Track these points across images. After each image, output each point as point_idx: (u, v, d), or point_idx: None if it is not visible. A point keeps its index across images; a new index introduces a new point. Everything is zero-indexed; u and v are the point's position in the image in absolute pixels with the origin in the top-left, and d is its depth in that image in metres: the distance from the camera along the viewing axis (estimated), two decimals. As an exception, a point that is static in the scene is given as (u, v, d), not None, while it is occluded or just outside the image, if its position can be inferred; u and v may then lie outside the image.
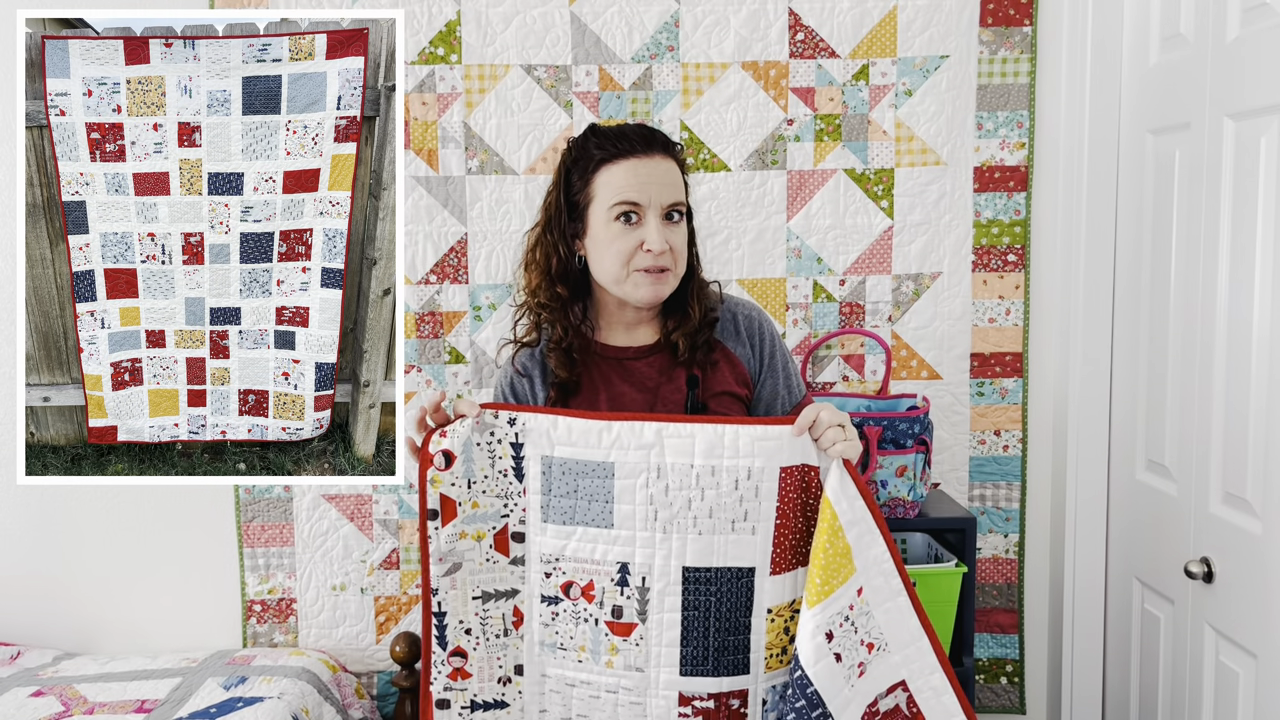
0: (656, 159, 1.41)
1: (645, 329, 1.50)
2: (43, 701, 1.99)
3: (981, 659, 2.32)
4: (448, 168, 2.23)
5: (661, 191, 1.40)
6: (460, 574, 1.39)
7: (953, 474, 2.29)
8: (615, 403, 1.45)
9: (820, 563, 1.27)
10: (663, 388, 1.46)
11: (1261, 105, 1.59)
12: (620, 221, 1.39)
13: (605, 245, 1.40)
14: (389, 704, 2.33)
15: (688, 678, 1.35)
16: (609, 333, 1.50)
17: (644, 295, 1.41)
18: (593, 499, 1.34)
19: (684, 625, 1.34)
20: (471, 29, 2.20)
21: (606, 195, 1.40)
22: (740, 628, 1.34)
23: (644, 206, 1.39)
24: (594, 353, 1.48)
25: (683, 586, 1.33)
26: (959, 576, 1.94)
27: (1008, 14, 2.18)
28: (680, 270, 1.44)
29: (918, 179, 2.22)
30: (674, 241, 1.40)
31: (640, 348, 1.49)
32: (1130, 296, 2.07)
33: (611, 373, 1.47)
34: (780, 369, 1.51)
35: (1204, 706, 1.80)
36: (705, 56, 2.20)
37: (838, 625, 1.27)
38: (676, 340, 1.45)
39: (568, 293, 1.45)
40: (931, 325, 2.25)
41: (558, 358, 1.44)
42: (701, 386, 1.45)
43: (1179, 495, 1.87)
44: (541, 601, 1.39)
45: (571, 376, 1.44)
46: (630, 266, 1.40)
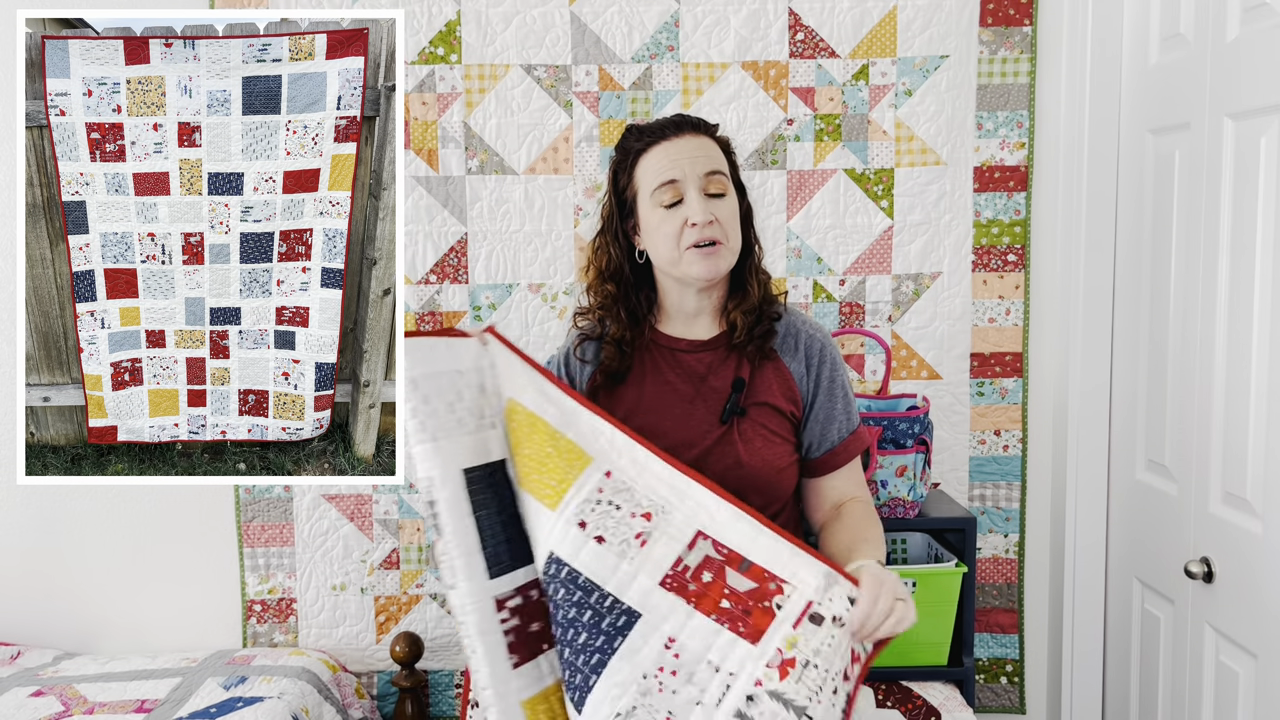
0: (687, 137, 1.44)
1: (705, 321, 1.51)
2: (43, 701, 1.99)
3: (981, 659, 2.32)
4: (448, 168, 2.23)
5: (695, 163, 1.41)
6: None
7: (953, 474, 2.29)
8: (658, 390, 1.47)
9: (550, 468, 1.29)
10: (708, 381, 1.47)
11: (1261, 105, 1.59)
12: (665, 205, 1.42)
13: (655, 230, 1.43)
14: (389, 704, 2.33)
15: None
16: (669, 323, 1.52)
17: (699, 271, 1.42)
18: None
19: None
20: (471, 29, 2.20)
21: (648, 182, 1.43)
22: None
23: (681, 181, 1.41)
24: (649, 340, 1.51)
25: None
26: (959, 576, 1.94)
27: (1008, 14, 2.18)
28: (734, 245, 1.45)
29: (918, 179, 2.22)
30: (719, 213, 1.42)
31: (696, 341, 1.50)
32: (1130, 296, 2.07)
33: (662, 361, 1.49)
34: (839, 395, 1.50)
35: (1204, 706, 1.80)
36: (705, 56, 2.20)
37: (589, 511, 1.27)
38: (735, 318, 1.46)
39: (616, 289, 1.49)
40: (931, 325, 2.25)
41: (610, 350, 1.47)
42: (747, 390, 1.45)
43: (1179, 495, 1.87)
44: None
45: (621, 368, 1.47)
46: (681, 246, 1.41)
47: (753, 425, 1.44)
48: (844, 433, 1.50)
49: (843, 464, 1.51)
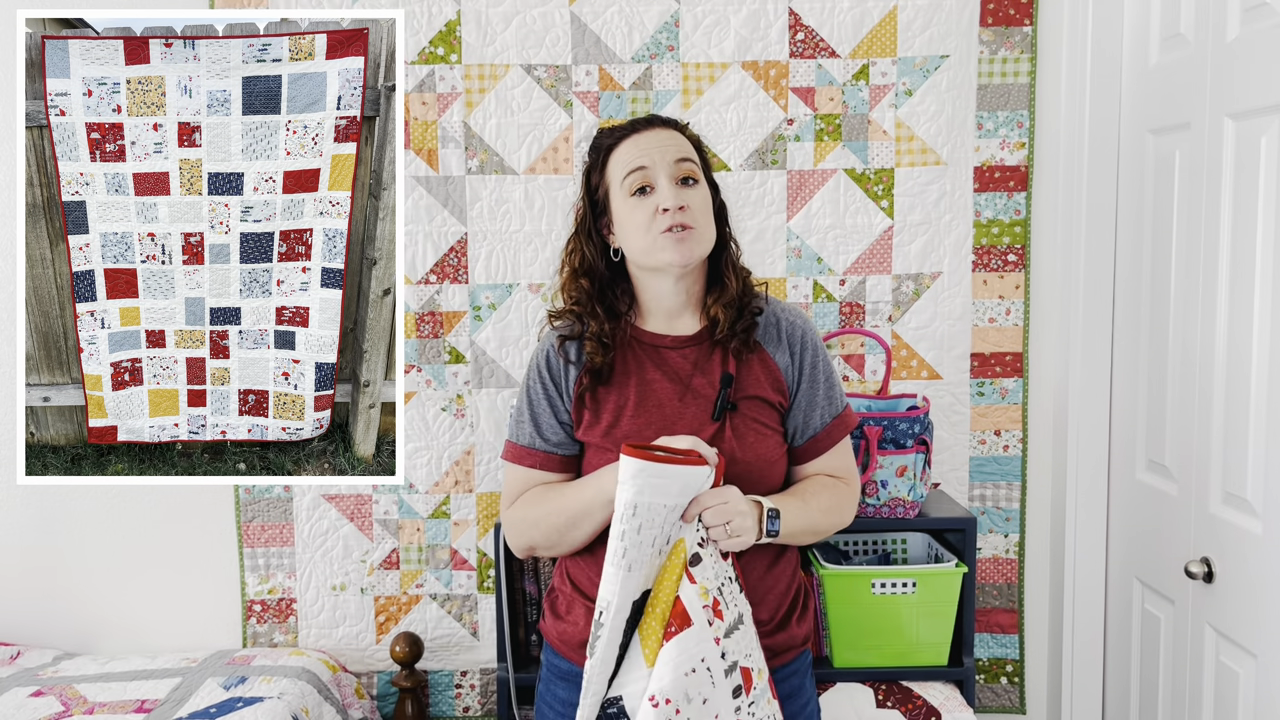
0: (656, 130, 1.45)
1: (687, 318, 1.50)
2: (43, 701, 1.99)
3: (981, 659, 2.32)
4: (448, 167, 2.23)
5: (664, 151, 1.42)
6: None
7: (953, 474, 2.28)
8: (645, 389, 1.46)
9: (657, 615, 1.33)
10: (694, 379, 1.46)
11: (1261, 105, 1.59)
12: (636, 195, 1.42)
13: (627, 220, 1.43)
14: (389, 704, 2.33)
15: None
16: (650, 321, 1.51)
17: (671, 256, 1.41)
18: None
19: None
20: (471, 29, 2.20)
21: (618, 173, 1.44)
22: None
23: (650, 168, 1.42)
24: (631, 338, 1.50)
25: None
26: (959, 576, 1.94)
27: (1008, 14, 2.18)
28: (707, 234, 1.44)
29: (918, 179, 2.22)
30: (690, 201, 1.42)
31: (678, 337, 1.49)
32: (1130, 296, 2.07)
33: (646, 359, 1.49)
34: (821, 380, 1.50)
35: (1204, 707, 1.80)
36: (705, 56, 2.20)
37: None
38: (716, 314, 1.46)
39: (591, 285, 1.48)
40: (931, 325, 2.25)
41: (592, 345, 1.47)
42: (735, 385, 1.45)
43: (1179, 495, 1.87)
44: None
45: (605, 363, 1.46)
46: (653, 233, 1.41)
47: (744, 420, 1.44)
48: (828, 417, 1.50)
49: (826, 448, 1.51)
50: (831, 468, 1.52)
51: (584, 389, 1.47)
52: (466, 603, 2.32)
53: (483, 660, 2.34)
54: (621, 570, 1.29)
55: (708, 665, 1.28)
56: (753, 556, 1.44)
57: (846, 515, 1.52)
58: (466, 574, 2.31)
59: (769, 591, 1.46)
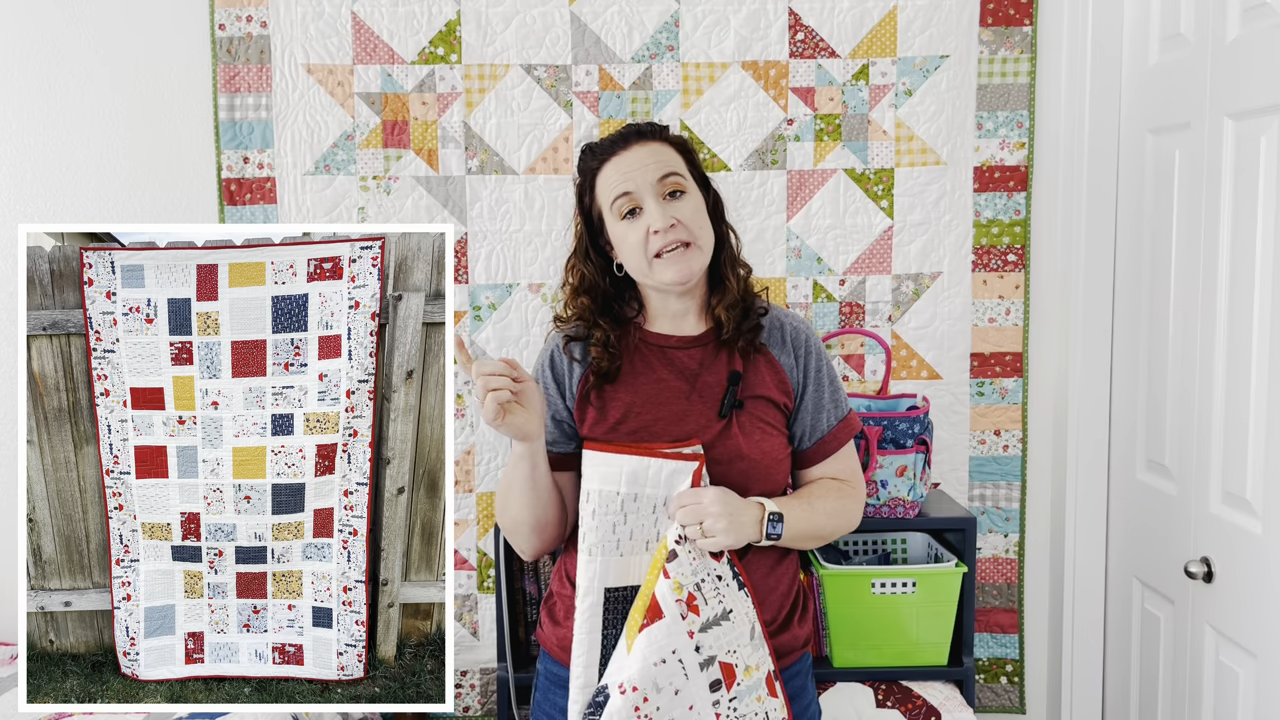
0: (635, 148, 1.44)
1: (692, 320, 1.51)
2: (43, 702, 1.98)
3: (981, 659, 2.32)
4: (448, 168, 2.23)
5: (646, 171, 1.42)
6: None
7: (953, 474, 2.29)
8: (653, 387, 1.47)
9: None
10: (701, 377, 1.47)
11: (1261, 105, 1.59)
12: (626, 219, 1.43)
13: (622, 243, 1.44)
14: (389, 704, 2.32)
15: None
16: (657, 323, 1.52)
17: (671, 276, 1.42)
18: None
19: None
20: (471, 29, 2.20)
21: (605, 197, 1.45)
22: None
23: (634, 192, 1.42)
24: (638, 340, 1.51)
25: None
26: (959, 576, 1.94)
27: (1008, 14, 2.18)
28: (705, 243, 1.44)
29: (918, 179, 2.22)
30: (680, 214, 1.41)
31: (684, 337, 1.50)
32: (1130, 296, 2.08)
33: (654, 359, 1.49)
34: (826, 384, 1.51)
35: (1204, 706, 1.80)
36: (705, 56, 2.20)
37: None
38: (719, 314, 1.47)
39: (592, 302, 1.50)
40: (931, 325, 2.25)
41: (598, 351, 1.48)
42: (741, 385, 1.46)
43: (1179, 495, 1.87)
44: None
45: (612, 368, 1.47)
46: (649, 254, 1.42)
47: (750, 418, 1.45)
48: (833, 420, 1.52)
49: (833, 451, 1.52)
50: (837, 471, 1.53)
51: (589, 387, 1.48)
52: (467, 603, 2.32)
53: (483, 660, 2.34)
54: (584, 555, 1.38)
55: (680, 657, 1.31)
56: (755, 558, 1.45)
57: (853, 519, 1.53)
58: (467, 574, 2.31)
59: (770, 593, 1.47)
